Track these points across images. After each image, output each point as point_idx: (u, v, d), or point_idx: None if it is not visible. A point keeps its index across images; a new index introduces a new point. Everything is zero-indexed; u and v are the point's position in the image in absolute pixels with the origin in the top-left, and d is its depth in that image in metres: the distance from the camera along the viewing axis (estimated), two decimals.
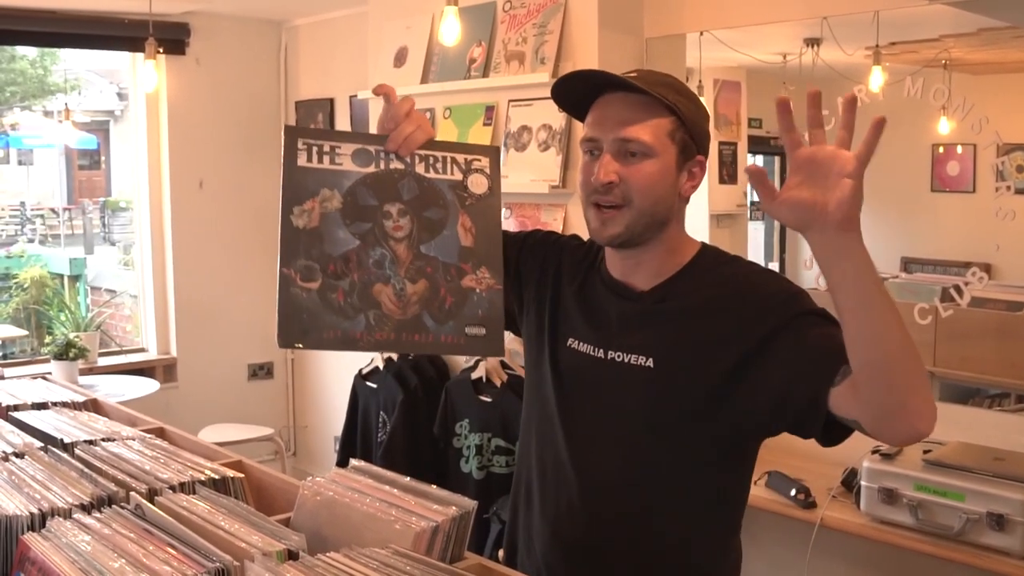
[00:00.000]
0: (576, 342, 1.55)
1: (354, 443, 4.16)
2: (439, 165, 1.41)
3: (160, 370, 5.15)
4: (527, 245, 1.69)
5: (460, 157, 1.43)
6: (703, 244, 1.54)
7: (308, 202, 1.33)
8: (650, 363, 1.45)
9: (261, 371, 5.47)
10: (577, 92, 1.49)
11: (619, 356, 1.48)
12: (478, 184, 1.42)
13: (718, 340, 1.40)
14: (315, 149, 1.36)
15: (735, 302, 1.42)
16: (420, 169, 1.40)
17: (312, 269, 1.31)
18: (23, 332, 6.61)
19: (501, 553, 3.16)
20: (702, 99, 1.68)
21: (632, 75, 1.45)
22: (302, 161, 1.35)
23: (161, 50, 4.46)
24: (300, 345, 1.33)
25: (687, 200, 1.51)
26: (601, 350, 1.51)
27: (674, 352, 1.44)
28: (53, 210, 15.36)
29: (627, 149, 1.42)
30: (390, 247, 1.36)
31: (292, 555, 1.13)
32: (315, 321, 1.31)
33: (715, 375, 1.40)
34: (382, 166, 1.39)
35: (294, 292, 1.31)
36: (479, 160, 1.43)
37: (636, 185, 1.42)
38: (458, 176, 1.42)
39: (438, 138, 1.45)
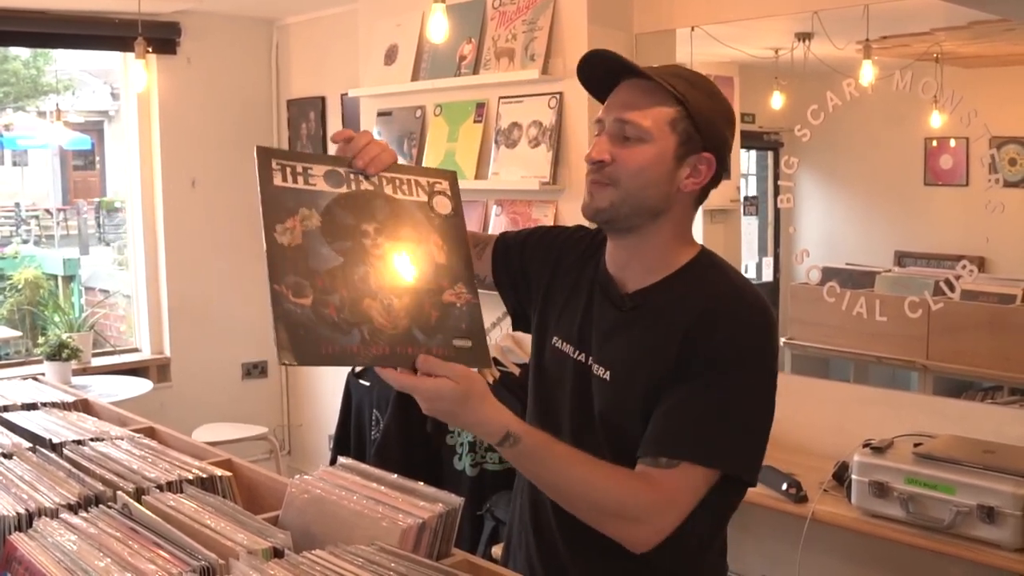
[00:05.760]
0: (560, 341, 1.57)
1: (348, 441, 4.16)
2: (405, 187, 1.43)
3: (154, 370, 5.15)
4: (528, 245, 1.71)
5: (423, 180, 1.45)
6: (701, 250, 1.52)
7: (289, 220, 1.33)
8: (607, 376, 1.48)
9: (255, 370, 5.46)
10: (601, 79, 1.51)
11: (590, 362, 1.51)
12: (442, 205, 1.44)
13: (664, 365, 1.40)
14: (288, 169, 1.37)
15: (695, 332, 1.40)
16: (388, 190, 1.41)
17: (302, 285, 1.30)
18: (17, 333, 6.58)
19: (495, 550, 3.17)
20: None
21: (655, 68, 1.48)
22: (277, 180, 1.35)
23: (151, 50, 4.46)
24: (299, 362, 1.27)
25: (691, 196, 1.48)
26: (581, 353, 1.53)
27: (627, 368, 1.45)
28: (48, 211, 15.34)
29: (623, 132, 1.44)
30: (372, 264, 1.36)
31: (277, 553, 1.13)
32: (312, 336, 1.28)
33: (653, 397, 1.41)
34: (353, 187, 1.40)
35: (288, 308, 1.28)
36: (440, 183, 1.46)
37: (625, 167, 1.43)
38: (423, 197, 1.43)
39: (426, 136, 1.46)
